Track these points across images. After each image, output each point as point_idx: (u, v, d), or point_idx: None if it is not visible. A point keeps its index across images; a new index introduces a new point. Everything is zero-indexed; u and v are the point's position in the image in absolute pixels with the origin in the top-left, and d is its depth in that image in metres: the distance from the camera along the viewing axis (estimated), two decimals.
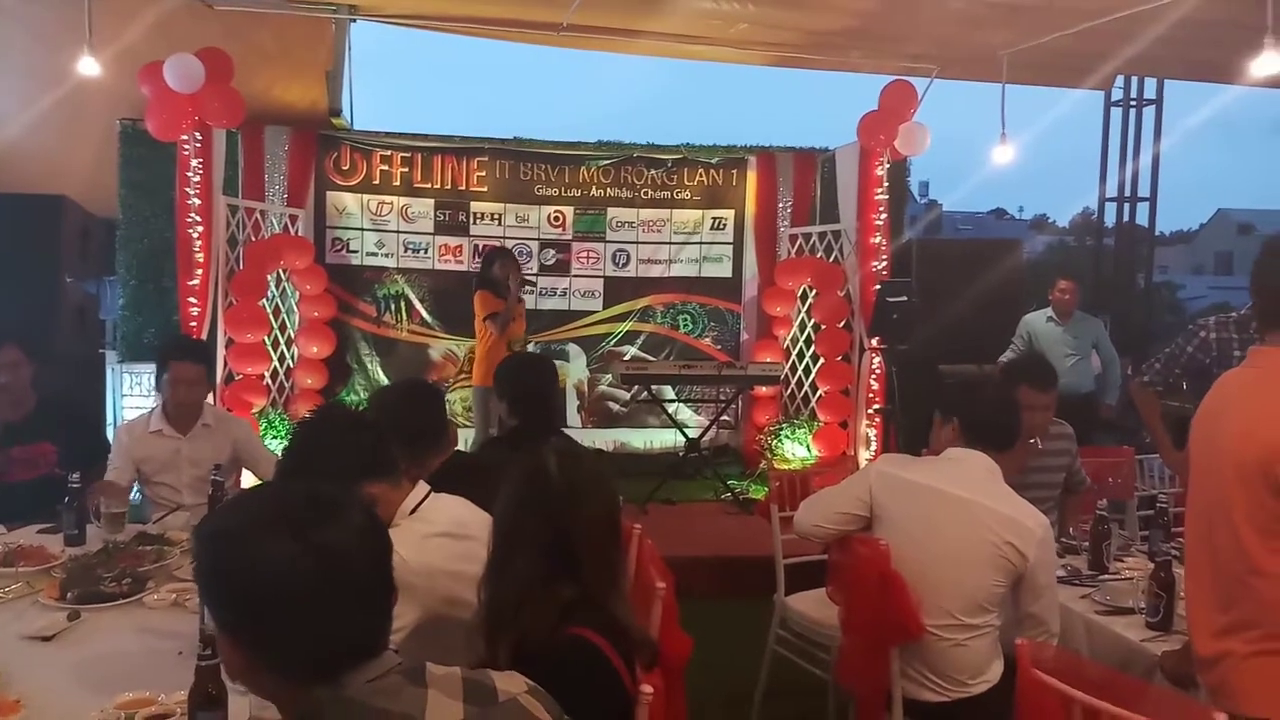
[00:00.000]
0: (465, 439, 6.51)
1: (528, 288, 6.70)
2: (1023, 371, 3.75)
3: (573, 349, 7.83)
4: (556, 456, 1.99)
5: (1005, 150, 6.70)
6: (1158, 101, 10.47)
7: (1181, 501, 3.83)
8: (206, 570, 1.32)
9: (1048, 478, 3.76)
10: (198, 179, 5.94)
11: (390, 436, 2.36)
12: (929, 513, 2.79)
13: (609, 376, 7.76)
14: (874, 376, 6.98)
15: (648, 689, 1.78)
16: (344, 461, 2.21)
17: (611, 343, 7.85)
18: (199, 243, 5.98)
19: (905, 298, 6.55)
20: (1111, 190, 10.97)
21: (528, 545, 1.89)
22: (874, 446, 6.97)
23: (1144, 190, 10.80)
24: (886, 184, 6.98)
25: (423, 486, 2.40)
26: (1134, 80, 10.33)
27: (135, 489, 3.96)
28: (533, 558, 1.88)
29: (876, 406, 6.98)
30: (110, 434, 5.17)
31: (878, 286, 6.76)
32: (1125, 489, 4.50)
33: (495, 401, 3.78)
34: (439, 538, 2.26)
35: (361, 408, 2.94)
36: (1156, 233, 11.96)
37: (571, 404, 7.84)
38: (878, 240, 6.91)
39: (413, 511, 2.32)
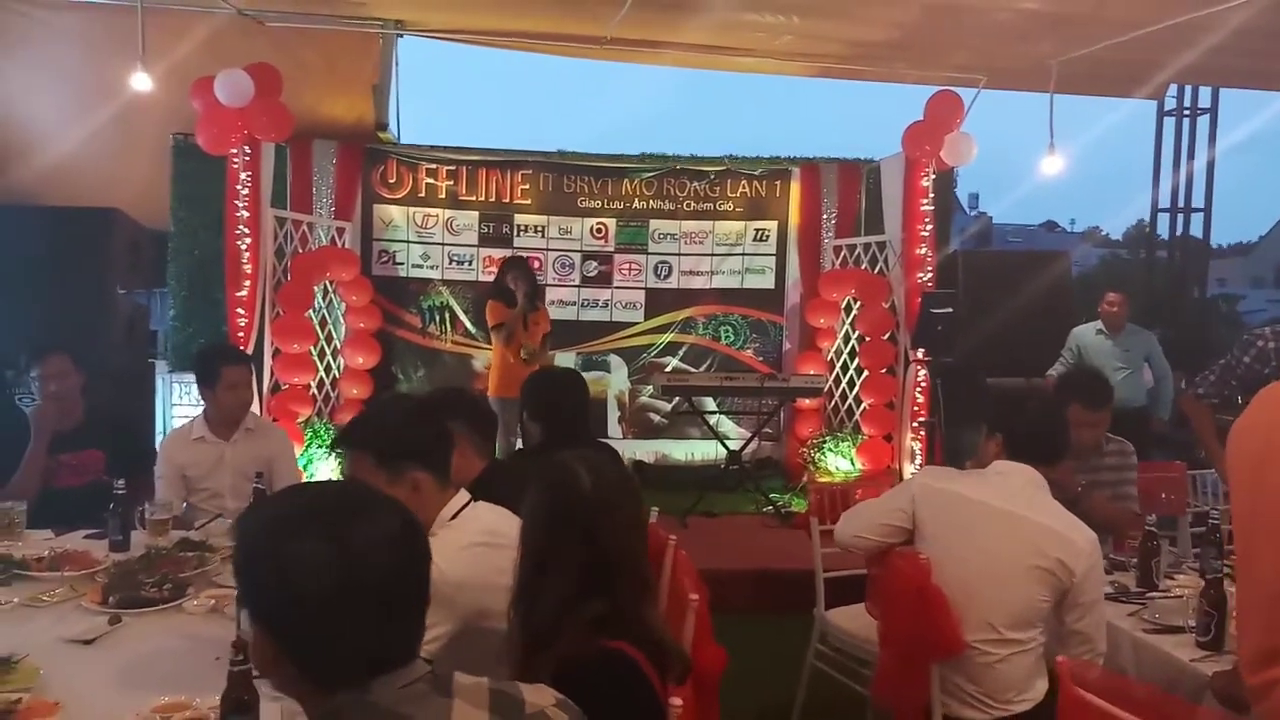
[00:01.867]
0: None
1: (540, 302, 6.70)
2: (1076, 388, 3.65)
3: (614, 360, 7.83)
4: (584, 466, 1.95)
5: (1054, 161, 6.60)
6: (1212, 110, 10.27)
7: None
8: (242, 561, 1.33)
9: (1119, 490, 3.67)
10: (246, 192, 6.02)
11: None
12: (972, 526, 2.73)
13: (650, 388, 7.75)
14: (919, 389, 6.89)
15: (677, 701, 1.76)
16: (401, 439, 2.28)
17: (653, 354, 7.84)
18: (247, 255, 6.06)
19: (950, 309, 6.47)
20: (1164, 201, 10.77)
21: (561, 561, 1.85)
22: (919, 460, 6.87)
23: (1198, 200, 10.59)
24: (932, 195, 6.89)
25: (463, 494, 2.39)
26: (1188, 89, 10.14)
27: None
28: (567, 573, 1.84)
29: (921, 419, 6.89)
30: (158, 443, 5.26)
31: (922, 298, 6.68)
32: (1178, 505, 4.39)
33: (510, 412, 3.82)
34: (477, 548, 2.24)
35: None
36: (1213, 244, 11.72)
37: (612, 415, 7.84)
38: (923, 252, 6.83)
39: (452, 519, 2.32)
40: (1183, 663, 2.64)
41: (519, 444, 5.18)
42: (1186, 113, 10.28)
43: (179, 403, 6.62)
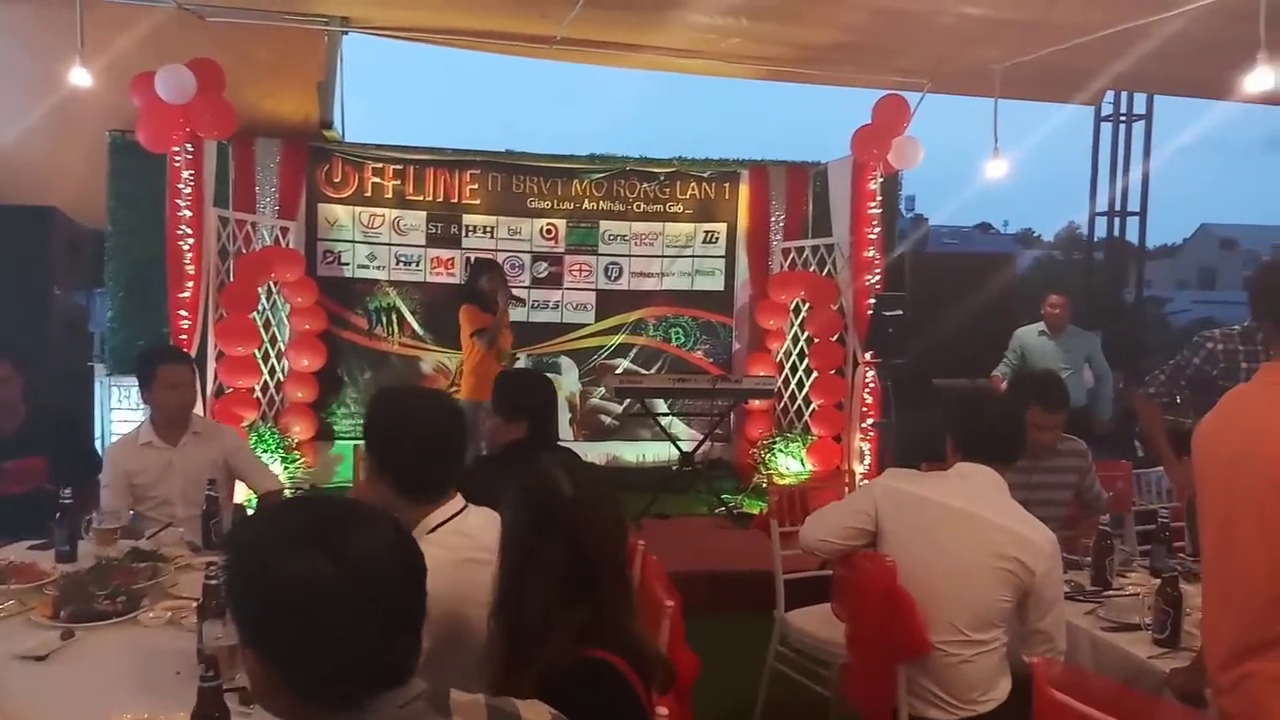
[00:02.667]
0: None
1: (515, 302, 6.65)
2: (1036, 391, 3.70)
3: (565, 362, 7.80)
4: (564, 472, 1.92)
5: (998, 165, 6.70)
6: (1147, 116, 10.54)
7: (1180, 516, 3.85)
8: (232, 580, 1.28)
9: (1054, 495, 3.74)
10: (189, 190, 5.88)
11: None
12: (934, 527, 2.77)
13: (601, 389, 7.74)
14: (868, 390, 6.97)
15: (663, 711, 1.75)
16: (377, 440, 2.31)
17: (604, 356, 7.83)
18: (189, 255, 5.91)
19: (900, 312, 6.55)
20: (1101, 205, 11.03)
21: (545, 570, 1.82)
22: (868, 461, 6.95)
23: (1133, 205, 10.86)
24: (880, 198, 6.97)
25: (455, 503, 2.30)
26: (1124, 95, 10.39)
27: None
28: (551, 582, 1.81)
29: (870, 420, 6.97)
30: (100, 447, 5.13)
31: (872, 300, 6.75)
32: (1123, 503, 4.48)
33: (485, 416, 3.76)
34: (460, 564, 2.12)
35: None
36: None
37: (564, 417, 7.80)
38: (871, 254, 6.90)
39: (430, 532, 2.21)
40: (1140, 660, 2.70)
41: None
42: (1123, 119, 10.54)
43: (118, 406, 6.46)
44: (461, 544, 2.19)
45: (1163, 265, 42.74)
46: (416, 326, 7.52)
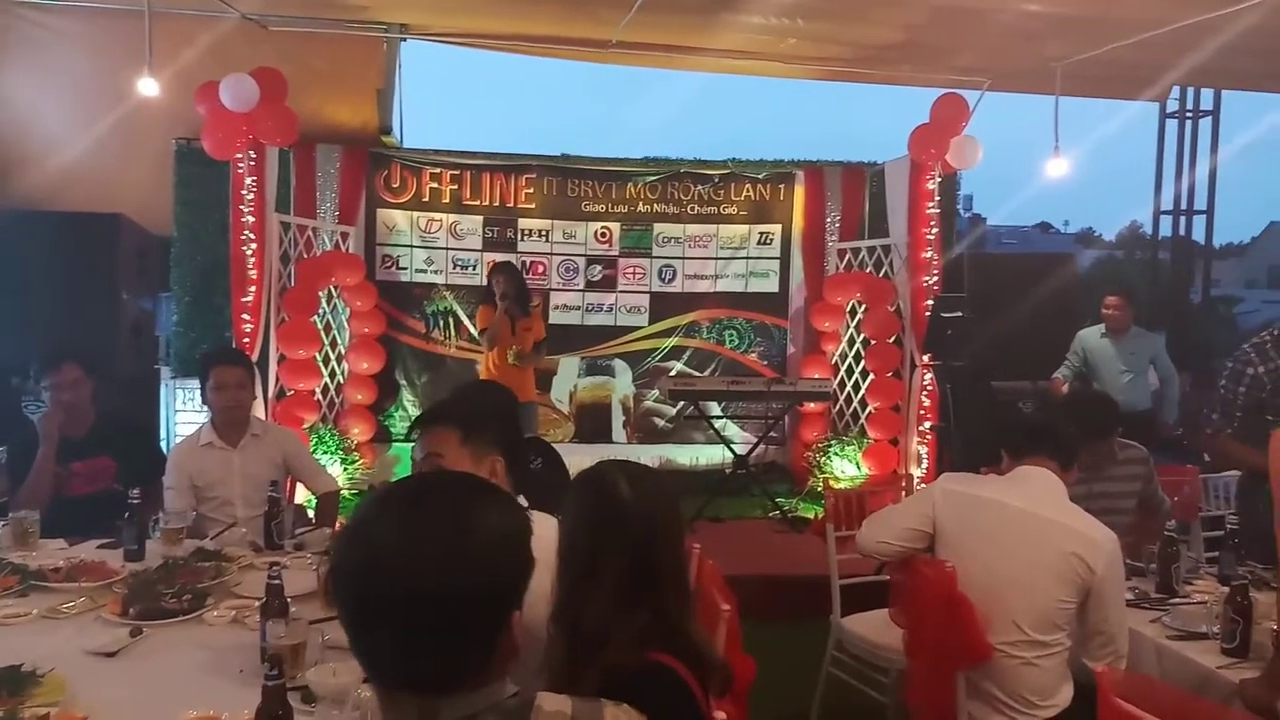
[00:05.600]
0: None
1: (529, 308, 6.58)
2: (1078, 416, 3.54)
3: (619, 364, 7.81)
4: (622, 474, 1.92)
5: (1059, 163, 6.59)
6: (1215, 112, 10.28)
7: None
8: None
9: (1118, 503, 3.66)
10: (251, 197, 6.00)
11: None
12: (995, 528, 2.75)
13: (655, 392, 7.74)
14: (925, 393, 6.88)
15: (721, 715, 1.74)
16: (489, 419, 2.39)
17: (657, 358, 7.82)
18: (252, 260, 6.04)
19: (959, 313, 6.47)
20: (1166, 203, 10.78)
21: (608, 572, 1.82)
22: (925, 464, 6.87)
23: (1200, 203, 10.60)
24: (938, 198, 6.89)
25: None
26: (1190, 91, 10.15)
27: None
28: (614, 584, 1.81)
29: (928, 423, 6.88)
30: (165, 449, 5.24)
31: (930, 302, 6.67)
32: (1190, 509, 4.38)
33: None
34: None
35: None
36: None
37: (617, 420, 7.82)
38: (928, 255, 6.82)
39: None
40: (1208, 669, 2.64)
41: None
42: (1189, 115, 10.30)
43: (183, 409, 6.60)
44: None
45: (1231, 264, 41.67)
46: (472, 330, 7.56)
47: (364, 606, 1.18)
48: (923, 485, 5.72)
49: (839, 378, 7.53)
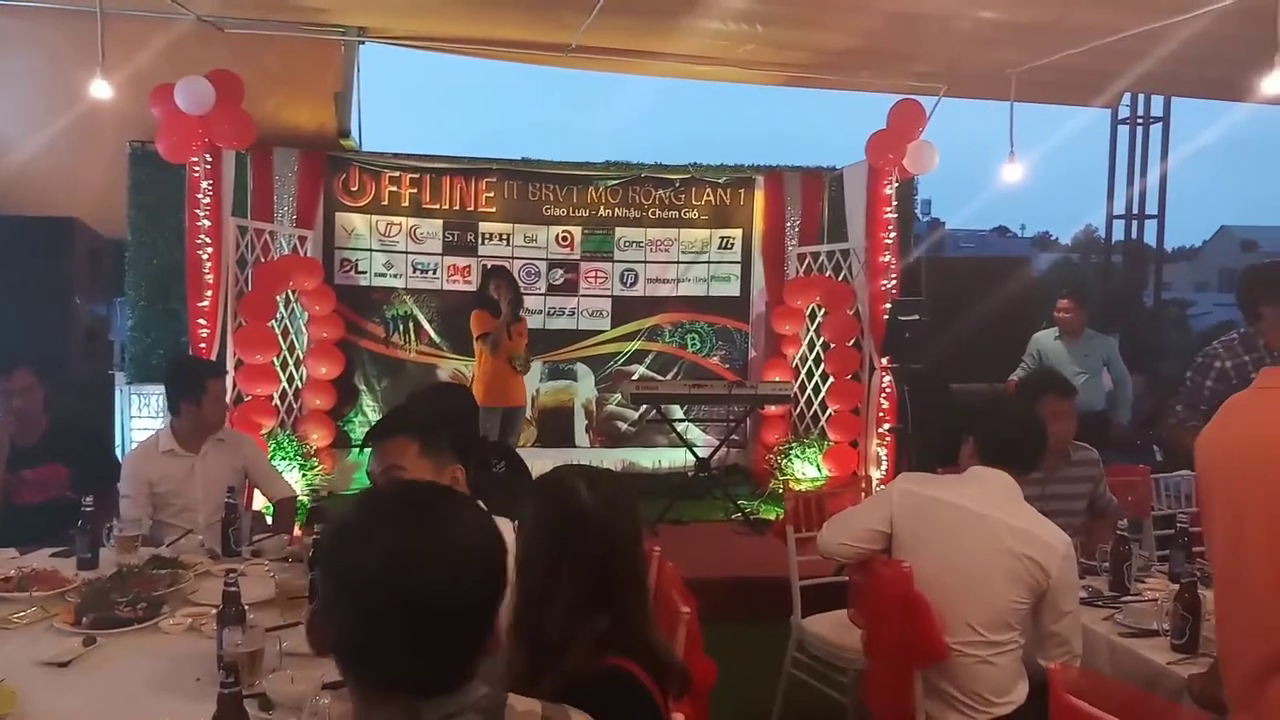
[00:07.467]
0: None
1: (523, 311, 6.75)
2: (1045, 382, 3.79)
3: (581, 368, 7.82)
4: (581, 479, 1.92)
5: (1015, 168, 6.68)
6: (1165, 119, 10.49)
7: (1198, 521, 3.81)
8: (319, 550, 1.31)
9: (1070, 504, 3.72)
10: (207, 200, 5.93)
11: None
12: (950, 528, 2.78)
13: (617, 396, 7.75)
14: (884, 395, 6.95)
15: (680, 717, 1.75)
16: (445, 428, 2.36)
17: (620, 362, 7.84)
18: (208, 264, 5.96)
19: (917, 316, 6.54)
20: (1119, 208, 10.97)
21: (568, 578, 1.81)
22: (885, 466, 6.94)
23: (1151, 208, 10.80)
24: (895, 203, 6.96)
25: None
26: (1141, 98, 10.34)
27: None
28: (574, 590, 1.80)
29: (887, 425, 6.95)
30: (120, 455, 5.16)
31: (889, 305, 6.74)
32: (1141, 508, 4.45)
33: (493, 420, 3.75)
34: None
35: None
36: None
37: (579, 423, 7.83)
38: (887, 259, 6.89)
39: None
40: (1159, 665, 2.69)
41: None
42: (1140, 121, 10.49)
43: (138, 414, 6.50)
44: None
45: (1182, 268, 42.45)
46: (433, 334, 7.55)
47: (370, 613, 1.20)
48: (882, 486, 5.78)
49: (799, 381, 7.58)
